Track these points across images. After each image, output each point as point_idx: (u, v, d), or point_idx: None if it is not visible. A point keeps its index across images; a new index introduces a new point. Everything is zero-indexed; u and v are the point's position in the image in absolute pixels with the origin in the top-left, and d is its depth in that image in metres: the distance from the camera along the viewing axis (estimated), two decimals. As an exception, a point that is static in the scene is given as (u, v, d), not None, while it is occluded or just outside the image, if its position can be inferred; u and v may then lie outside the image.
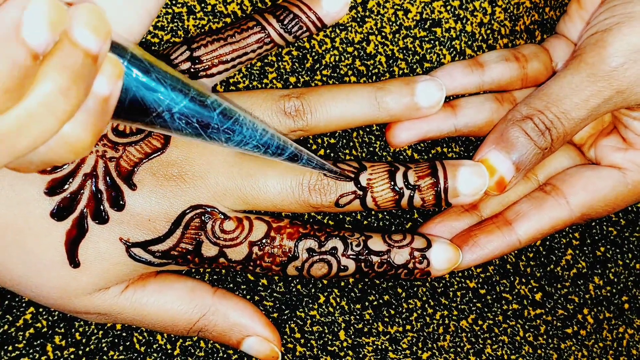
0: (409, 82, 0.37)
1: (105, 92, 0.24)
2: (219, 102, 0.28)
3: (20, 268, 0.33)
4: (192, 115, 0.27)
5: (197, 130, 0.28)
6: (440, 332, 0.41)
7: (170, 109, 0.26)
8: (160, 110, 0.26)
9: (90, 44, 0.22)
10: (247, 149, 0.30)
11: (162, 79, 0.26)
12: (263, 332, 0.37)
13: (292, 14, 0.36)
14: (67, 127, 0.23)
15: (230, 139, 0.29)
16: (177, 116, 0.26)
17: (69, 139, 0.24)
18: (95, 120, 0.24)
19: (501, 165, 0.36)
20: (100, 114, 0.24)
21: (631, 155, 0.39)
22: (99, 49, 0.23)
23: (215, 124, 0.28)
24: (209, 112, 0.27)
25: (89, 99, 0.23)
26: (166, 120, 0.26)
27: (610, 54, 0.35)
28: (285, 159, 0.31)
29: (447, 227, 0.39)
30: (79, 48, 0.22)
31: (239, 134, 0.29)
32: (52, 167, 0.32)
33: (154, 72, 0.25)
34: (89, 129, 0.24)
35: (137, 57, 0.25)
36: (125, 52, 0.25)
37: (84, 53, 0.22)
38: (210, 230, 0.34)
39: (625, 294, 0.45)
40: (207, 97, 0.28)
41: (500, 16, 0.41)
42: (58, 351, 0.37)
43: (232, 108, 0.29)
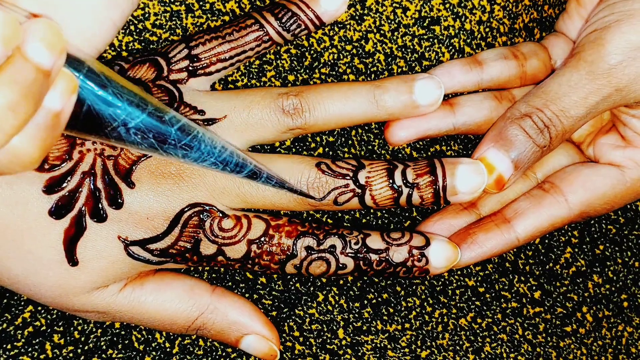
0: (408, 80, 0.37)
1: (56, 107, 0.23)
2: (177, 118, 0.28)
3: (18, 266, 0.33)
4: (149, 130, 0.27)
5: (154, 145, 0.28)
6: (439, 331, 0.41)
7: (126, 124, 0.26)
8: (115, 124, 0.26)
9: (43, 59, 0.22)
10: (205, 165, 0.30)
11: (119, 94, 0.26)
12: (262, 330, 0.37)
13: (291, 12, 0.36)
14: (15, 140, 0.23)
15: (187, 155, 0.29)
16: (133, 131, 0.27)
17: (17, 152, 0.23)
18: (44, 135, 0.24)
19: (500, 164, 0.36)
20: (51, 129, 0.24)
21: (630, 153, 0.39)
22: (51, 65, 0.23)
23: (172, 139, 0.28)
24: (167, 127, 0.28)
25: (40, 114, 0.23)
26: (121, 134, 0.27)
27: (609, 51, 0.35)
28: (245, 176, 0.32)
29: (446, 225, 0.39)
30: (30, 63, 0.22)
31: (197, 150, 0.29)
32: (50, 166, 0.32)
33: (111, 87, 0.26)
34: (37, 143, 0.24)
35: (94, 71, 0.25)
36: (82, 66, 0.25)
37: (36, 69, 0.22)
38: (208, 229, 0.34)
39: (624, 292, 0.45)
40: (165, 112, 0.28)
41: (499, 14, 0.41)
42: (57, 350, 0.37)
43: (191, 124, 0.29)
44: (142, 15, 0.37)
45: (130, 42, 0.37)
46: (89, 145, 0.33)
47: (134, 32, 0.37)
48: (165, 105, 0.28)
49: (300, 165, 0.35)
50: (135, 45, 0.38)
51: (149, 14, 0.37)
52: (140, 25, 0.37)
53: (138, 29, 0.37)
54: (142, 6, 0.37)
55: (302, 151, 0.40)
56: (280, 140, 0.38)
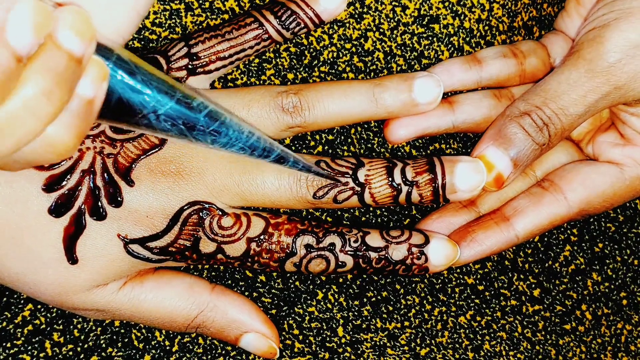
0: (407, 78, 0.37)
1: (89, 94, 0.24)
2: (205, 104, 0.28)
3: (18, 265, 0.33)
4: (178, 117, 0.27)
5: (183, 132, 0.28)
6: (438, 329, 0.41)
7: (156, 111, 0.26)
8: (146, 112, 0.26)
9: (75, 46, 0.22)
10: (233, 150, 0.30)
11: (148, 81, 0.26)
12: (261, 328, 0.37)
13: (290, 10, 0.36)
14: (50, 129, 0.23)
15: (215, 141, 0.29)
16: (163, 118, 0.27)
17: (52, 141, 0.24)
18: (78, 122, 0.24)
19: (499, 162, 0.36)
20: (84, 116, 0.24)
21: (629, 151, 0.39)
22: (83, 52, 0.23)
23: (201, 125, 0.28)
24: (195, 114, 0.28)
25: (73, 101, 0.23)
26: (152, 121, 0.27)
27: (608, 49, 0.35)
28: (272, 160, 0.31)
29: (445, 223, 0.39)
30: (62, 51, 0.22)
31: (225, 135, 0.29)
32: (50, 164, 0.32)
33: (140, 74, 0.26)
34: (72, 130, 0.24)
35: (123, 59, 0.25)
36: (111, 54, 0.25)
37: (68, 56, 0.22)
38: (208, 227, 0.34)
39: (624, 290, 0.45)
40: (193, 99, 0.28)
41: (498, 12, 0.41)
42: (56, 348, 0.37)
43: (219, 110, 0.29)
44: (141, 13, 0.37)
45: (129, 40, 0.37)
46: (88, 143, 0.33)
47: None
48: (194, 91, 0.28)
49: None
50: (135, 43, 0.38)
51: (148, 13, 0.37)
52: (140, 23, 0.37)
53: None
54: (141, 4, 0.37)
55: (302, 149, 0.40)
56: (279, 139, 0.38)
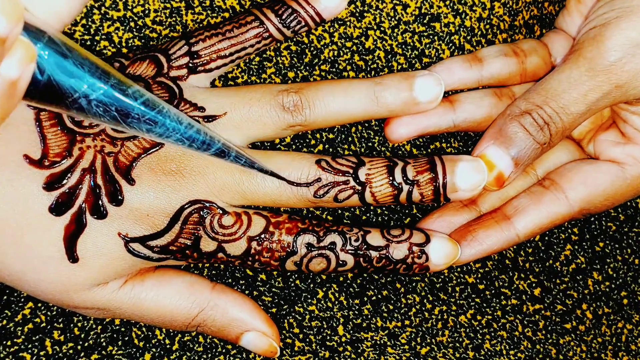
0: (408, 77, 0.37)
1: (12, 74, 0.23)
2: (141, 92, 0.28)
3: (18, 263, 0.33)
4: (111, 104, 0.27)
5: (117, 119, 0.28)
6: (439, 328, 0.41)
7: (87, 96, 0.26)
8: (76, 96, 0.26)
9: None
10: (171, 141, 0.30)
11: (81, 65, 0.26)
12: (262, 327, 0.37)
13: (291, 8, 0.36)
14: None
15: (151, 130, 0.29)
16: (95, 103, 0.27)
17: None
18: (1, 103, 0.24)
19: (500, 161, 0.36)
20: (7, 97, 0.24)
21: (630, 150, 0.39)
22: (7, 32, 0.22)
23: (135, 113, 0.28)
24: (130, 102, 0.28)
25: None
26: (83, 106, 0.26)
27: (609, 48, 0.35)
28: (212, 154, 0.32)
29: (446, 222, 0.39)
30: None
31: (162, 125, 0.29)
32: (50, 162, 0.32)
33: (73, 58, 0.25)
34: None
35: (54, 41, 0.25)
36: (42, 36, 0.25)
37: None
38: (208, 225, 0.34)
39: (624, 289, 0.45)
40: (129, 86, 0.28)
41: (499, 11, 0.41)
42: (57, 346, 0.37)
43: (156, 100, 0.29)
44: (142, 11, 0.37)
45: (130, 38, 0.37)
46: (89, 142, 0.33)
47: (134, 29, 0.37)
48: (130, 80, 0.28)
49: (301, 162, 0.35)
50: (135, 42, 0.38)
51: (149, 11, 0.37)
52: (140, 21, 0.37)
53: (138, 25, 0.37)
54: (142, 3, 0.37)
55: (302, 148, 0.40)
56: (280, 137, 0.38)
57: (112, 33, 0.37)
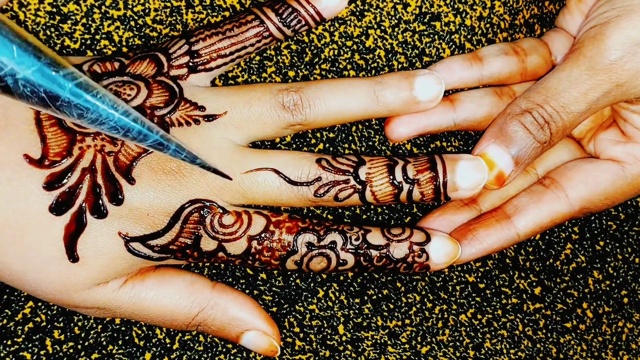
0: (408, 76, 0.37)
1: None
2: (75, 75, 0.27)
3: (19, 263, 0.33)
4: (39, 85, 0.26)
5: (45, 102, 0.26)
6: (439, 327, 0.41)
7: (14, 74, 0.25)
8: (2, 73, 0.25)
9: None
10: (104, 129, 0.29)
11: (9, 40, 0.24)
12: (262, 326, 0.37)
13: (291, 7, 0.36)
14: None
15: (83, 116, 0.27)
16: (22, 83, 0.25)
17: None
18: None
19: (500, 160, 0.36)
20: None
21: (630, 149, 0.39)
22: None
23: (66, 97, 0.26)
24: (61, 84, 0.26)
25: None
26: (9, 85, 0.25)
27: (609, 47, 0.35)
28: (149, 145, 0.30)
29: (446, 221, 0.39)
30: None
31: (94, 112, 0.28)
32: (50, 162, 0.32)
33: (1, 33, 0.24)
34: None
35: None
36: None
37: None
38: (209, 225, 0.34)
39: (625, 288, 0.45)
40: (61, 68, 0.26)
41: (499, 10, 0.41)
42: (57, 345, 0.37)
43: (91, 84, 0.27)
44: (142, 11, 0.37)
45: (130, 37, 0.37)
46: (89, 141, 0.33)
47: (134, 28, 0.37)
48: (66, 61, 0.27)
49: (301, 161, 0.35)
50: (136, 41, 0.38)
51: (149, 10, 0.37)
52: (141, 21, 0.37)
53: (138, 24, 0.37)
54: (142, 2, 0.37)
55: (303, 147, 0.40)
56: (280, 136, 0.38)
57: (112, 32, 0.37)
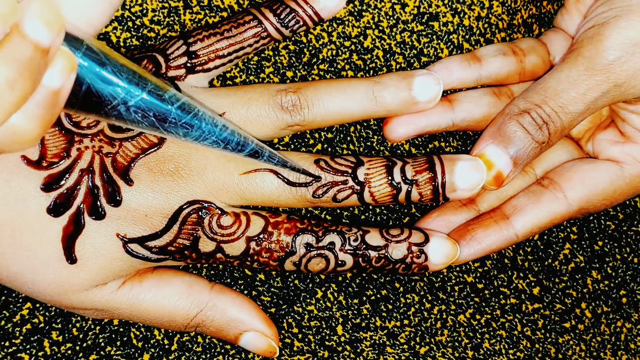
0: (407, 76, 0.37)
1: (56, 85, 0.24)
2: (177, 97, 0.28)
3: (17, 264, 0.33)
4: (149, 109, 0.27)
5: (154, 124, 0.28)
6: (438, 327, 0.41)
7: (126, 102, 0.26)
8: (115, 103, 0.26)
9: (41, 37, 0.22)
10: (207, 144, 0.30)
11: (119, 72, 0.26)
12: (261, 327, 0.37)
13: (289, 8, 0.36)
14: (14, 118, 0.23)
15: (188, 134, 0.29)
16: (133, 109, 0.27)
17: (16, 130, 0.24)
18: (44, 113, 0.24)
19: (499, 160, 0.36)
20: (50, 106, 0.24)
21: (629, 149, 0.39)
22: (50, 42, 0.23)
23: (172, 118, 0.28)
24: (167, 106, 0.28)
25: (39, 92, 0.23)
26: (122, 113, 0.27)
27: (607, 47, 0.35)
28: (246, 154, 0.32)
29: (445, 222, 0.39)
30: (28, 40, 0.22)
31: (198, 129, 0.29)
32: (48, 163, 0.32)
33: (110, 65, 0.26)
34: (37, 120, 0.24)
35: (92, 49, 0.25)
36: (80, 45, 0.25)
37: (34, 46, 0.22)
38: (207, 226, 0.34)
39: (623, 288, 0.45)
40: (165, 91, 0.28)
41: (498, 10, 0.41)
42: (55, 347, 0.37)
43: (192, 103, 0.29)
44: (140, 11, 0.37)
45: (128, 38, 0.37)
46: (87, 142, 0.33)
47: (132, 29, 0.37)
48: (165, 84, 0.28)
49: (299, 162, 0.35)
50: (133, 41, 0.37)
51: (146, 10, 0.37)
52: (138, 21, 0.37)
53: (136, 25, 0.37)
54: (140, 2, 0.37)
55: (301, 148, 0.40)
56: (278, 137, 0.38)
57: (110, 33, 0.37)
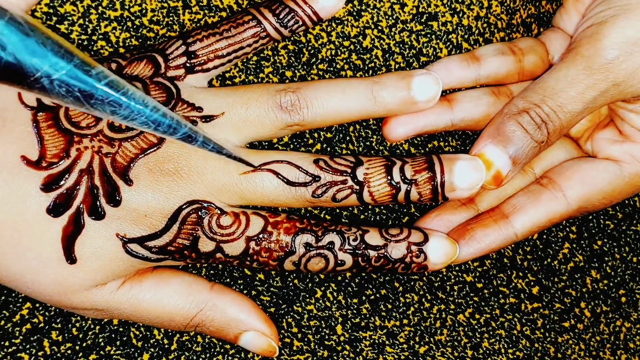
0: (406, 76, 0.37)
1: None
2: (105, 74, 0.28)
3: (16, 265, 0.33)
4: (74, 84, 0.27)
5: (80, 100, 0.27)
6: (437, 326, 0.41)
7: (50, 75, 0.26)
8: (38, 75, 0.26)
9: None
10: (136, 124, 0.30)
11: (43, 44, 0.25)
12: (260, 326, 0.37)
13: (288, 8, 0.36)
14: None
15: (115, 112, 0.29)
16: (57, 83, 0.26)
17: None
18: None
19: (498, 159, 0.36)
20: None
21: (627, 148, 0.39)
22: None
23: (99, 95, 0.28)
24: (93, 82, 0.27)
25: None
26: (45, 86, 0.26)
27: (606, 46, 0.35)
28: (179, 138, 0.31)
29: (444, 221, 0.39)
30: None
31: (126, 108, 0.29)
32: (48, 163, 0.32)
33: (35, 36, 0.25)
34: None
35: (16, 19, 0.25)
36: (3, 14, 0.25)
37: None
38: (207, 226, 0.34)
39: (622, 288, 0.45)
40: (93, 67, 0.27)
41: (496, 9, 0.41)
42: (55, 347, 0.37)
43: (121, 82, 0.29)
44: (139, 11, 0.37)
45: (127, 38, 0.37)
46: (87, 142, 0.33)
47: (131, 29, 0.37)
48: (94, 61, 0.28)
49: (299, 161, 0.35)
50: (133, 41, 0.37)
51: (146, 10, 0.37)
52: (138, 21, 0.37)
53: (135, 25, 0.37)
54: (139, 2, 0.37)
55: (300, 147, 0.40)
56: (278, 137, 0.38)
57: (109, 33, 0.37)
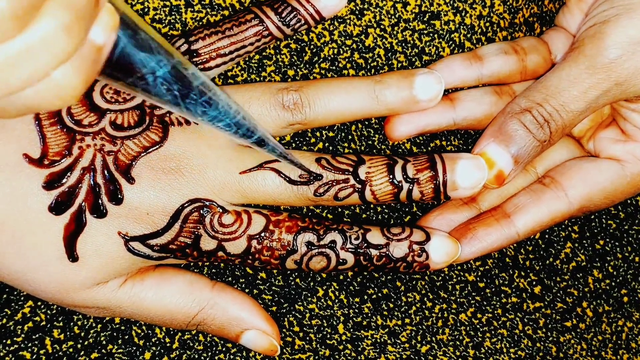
0: (408, 75, 0.37)
1: (100, 40, 0.23)
2: (198, 74, 0.28)
3: (18, 263, 0.33)
4: (174, 82, 0.27)
5: (176, 99, 0.27)
6: (439, 326, 0.41)
7: (154, 72, 0.26)
8: (145, 71, 0.26)
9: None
10: (220, 125, 0.30)
11: (151, 40, 0.25)
12: (262, 325, 0.37)
13: (290, 6, 0.36)
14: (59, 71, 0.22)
15: (205, 113, 0.28)
16: (160, 80, 0.26)
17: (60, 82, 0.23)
18: (87, 68, 0.23)
19: (500, 159, 0.36)
20: (92, 63, 0.23)
21: (630, 148, 0.39)
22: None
23: (194, 94, 0.27)
24: (190, 82, 0.27)
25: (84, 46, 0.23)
26: (149, 83, 0.26)
27: (609, 45, 0.35)
28: (253, 142, 0.31)
29: (446, 220, 0.39)
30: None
31: (215, 109, 0.29)
32: (50, 161, 0.32)
33: (143, 32, 0.25)
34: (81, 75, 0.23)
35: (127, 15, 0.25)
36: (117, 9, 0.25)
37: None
38: (208, 224, 0.34)
39: (625, 287, 0.45)
40: (189, 67, 0.27)
41: (499, 9, 0.41)
42: (57, 345, 0.37)
43: (210, 83, 0.28)
44: (141, 9, 0.37)
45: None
46: (89, 140, 0.33)
47: (133, 27, 0.37)
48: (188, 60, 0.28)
49: (301, 160, 0.35)
50: (135, 40, 0.37)
51: (148, 9, 0.37)
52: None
53: (137, 24, 0.37)
54: (141, 0, 0.37)
55: (302, 146, 0.40)
56: (280, 136, 0.38)
57: (111, 31, 0.37)
